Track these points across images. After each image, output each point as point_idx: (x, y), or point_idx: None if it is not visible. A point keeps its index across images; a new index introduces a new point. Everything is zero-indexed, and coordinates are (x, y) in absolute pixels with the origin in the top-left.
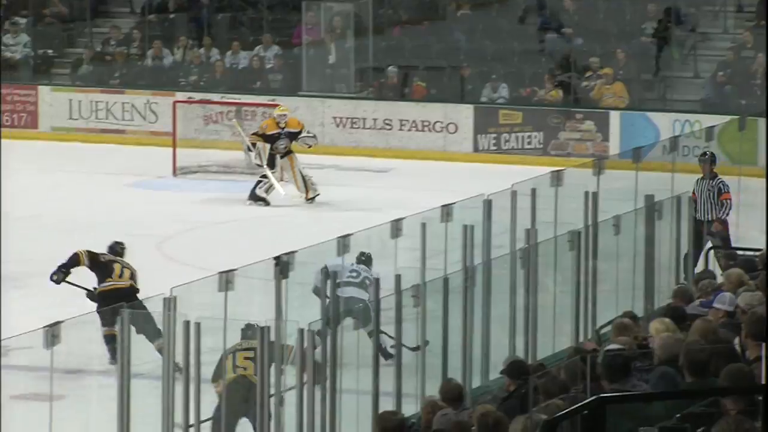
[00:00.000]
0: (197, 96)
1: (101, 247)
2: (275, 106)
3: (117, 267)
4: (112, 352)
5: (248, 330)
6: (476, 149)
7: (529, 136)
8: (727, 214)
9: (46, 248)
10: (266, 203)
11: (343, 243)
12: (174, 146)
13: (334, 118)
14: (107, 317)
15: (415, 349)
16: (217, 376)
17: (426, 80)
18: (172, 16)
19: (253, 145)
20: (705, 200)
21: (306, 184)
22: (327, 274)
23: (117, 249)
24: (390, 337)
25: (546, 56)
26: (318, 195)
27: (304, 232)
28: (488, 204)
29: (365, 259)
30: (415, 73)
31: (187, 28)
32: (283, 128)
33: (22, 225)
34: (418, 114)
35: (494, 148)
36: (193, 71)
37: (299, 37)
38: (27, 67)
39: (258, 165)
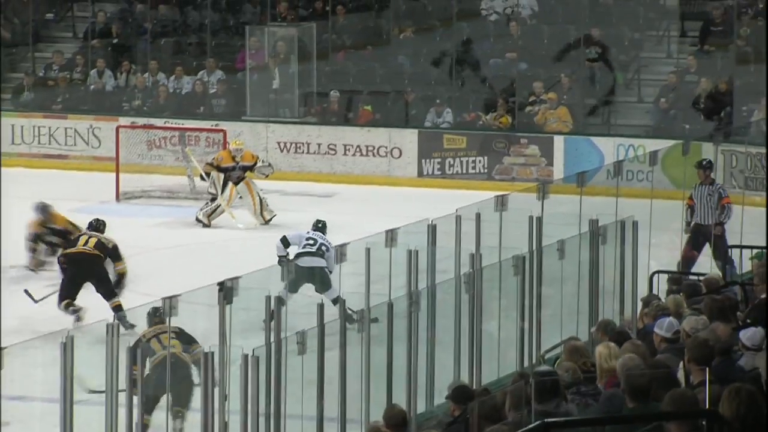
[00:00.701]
0: (140, 121)
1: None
2: (219, 131)
3: (83, 238)
4: (76, 316)
5: (155, 315)
6: (421, 174)
7: (474, 161)
8: (729, 218)
9: None
10: (204, 225)
11: (287, 269)
12: (117, 171)
13: (278, 143)
14: (65, 291)
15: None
16: (142, 354)
17: (370, 104)
18: (114, 41)
19: (207, 174)
20: (704, 205)
21: (262, 207)
22: (286, 242)
23: (94, 224)
24: (352, 312)
25: (489, 81)
26: (275, 216)
27: (249, 258)
28: (433, 229)
29: (321, 227)
30: (360, 97)
31: (130, 53)
32: (238, 162)
33: None
34: (362, 139)
35: (438, 172)
36: (137, 96)
37: (243, 61)
38: None
39: (212, 194)
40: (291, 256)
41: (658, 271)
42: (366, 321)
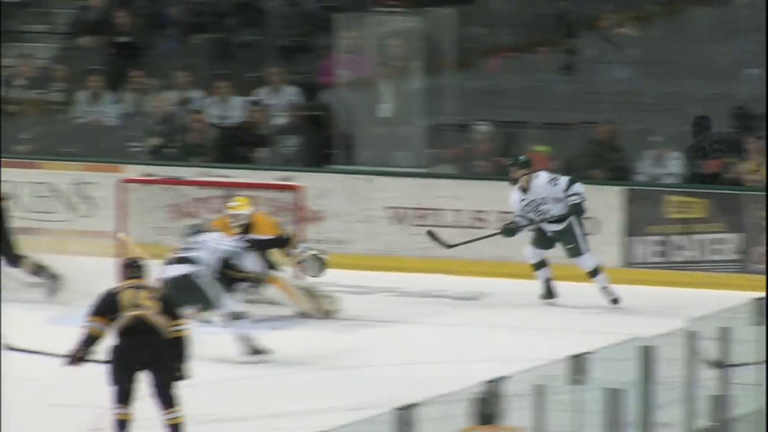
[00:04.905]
0: (159, 171)
1: None
2: (290, 188)
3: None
4: None
5: (131, 266)
6: (628, 261)
7: (721, 241)
8: None
9: None
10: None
11: None
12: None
13: (390, 209)
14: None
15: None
16: (109, 312)
17: (545, 144)
18: (120, 39)
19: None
20: None
21: (314, 295)
22: None
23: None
24: None
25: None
26: (337, 307)
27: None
28: (646, 353)
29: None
30: (528, 132)
31: (144, 58)
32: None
33: None
34: None
35: (659, 259)
36: (154, 130)
37: (330, 73)
38: None
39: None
40: None
41: None
42: None
